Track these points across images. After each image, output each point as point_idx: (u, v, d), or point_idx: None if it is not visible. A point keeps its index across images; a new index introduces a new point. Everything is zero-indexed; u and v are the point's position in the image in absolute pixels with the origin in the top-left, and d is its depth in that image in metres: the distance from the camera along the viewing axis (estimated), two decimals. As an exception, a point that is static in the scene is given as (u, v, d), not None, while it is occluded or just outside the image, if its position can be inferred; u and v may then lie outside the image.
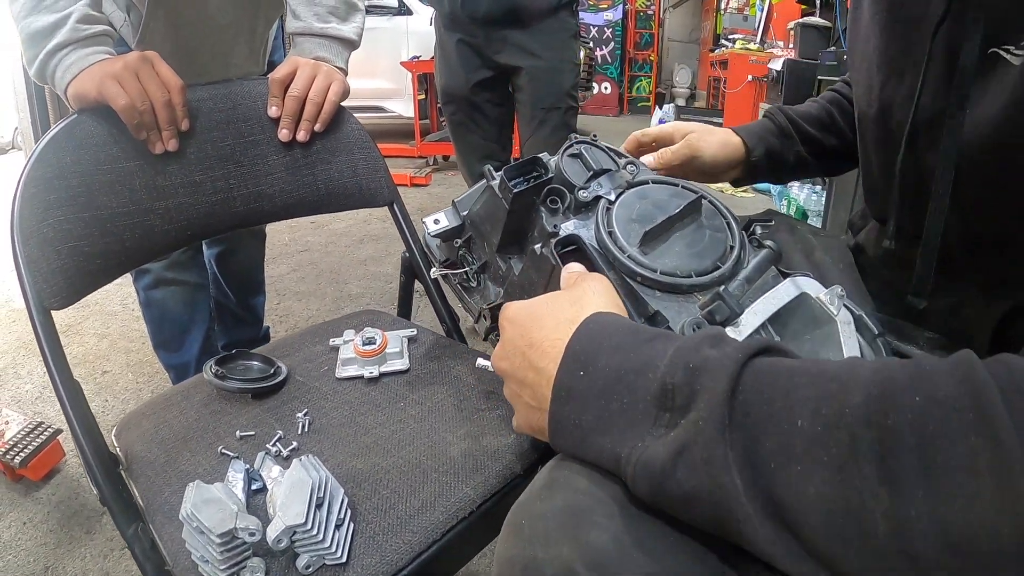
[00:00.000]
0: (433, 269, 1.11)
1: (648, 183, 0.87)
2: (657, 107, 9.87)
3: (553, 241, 0.82)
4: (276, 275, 3.63)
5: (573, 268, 0.76)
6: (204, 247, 2.09)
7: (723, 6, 10.52)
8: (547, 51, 2.43)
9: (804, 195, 4.53)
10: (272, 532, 0.73)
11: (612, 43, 11.98)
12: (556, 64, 2.46)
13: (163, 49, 1.17)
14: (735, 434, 0.47)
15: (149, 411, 1.12)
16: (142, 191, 1.14)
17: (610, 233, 0.80)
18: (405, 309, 1.49)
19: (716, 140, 1.12)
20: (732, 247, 0.79)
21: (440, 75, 2.63)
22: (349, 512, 0.84)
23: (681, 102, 10.97)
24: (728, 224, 0.82)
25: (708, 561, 0.51)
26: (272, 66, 1.75)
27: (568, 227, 0.84)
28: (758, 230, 0.84)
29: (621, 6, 11.71)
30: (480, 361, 0.98)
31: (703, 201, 0.83)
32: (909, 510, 0.40)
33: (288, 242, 4.22)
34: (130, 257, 1.15)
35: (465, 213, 1.02)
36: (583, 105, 7.75)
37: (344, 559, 0.79)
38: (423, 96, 6.85)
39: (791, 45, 6.16)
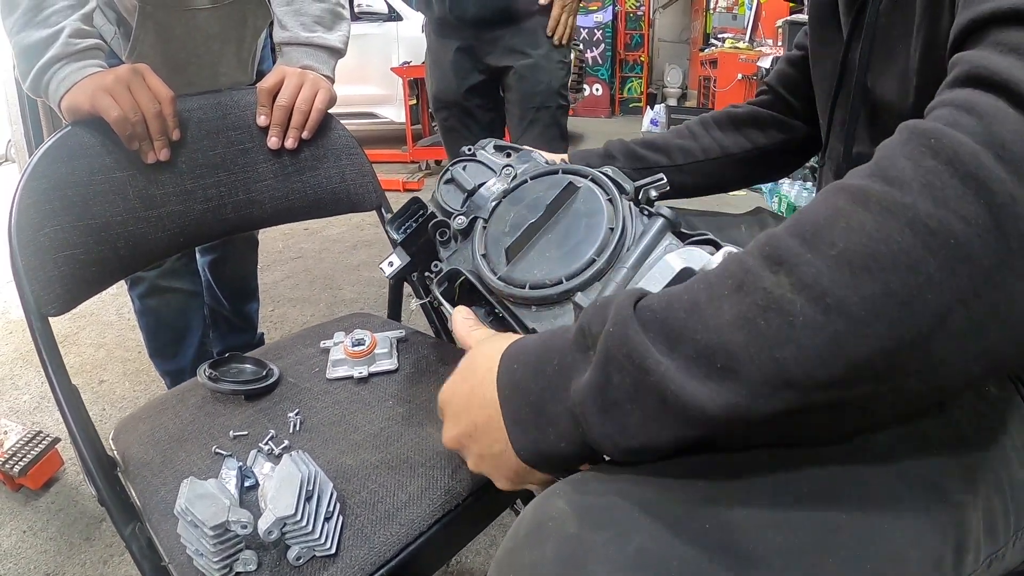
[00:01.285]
0: (413, 302, 1.14)
1: (526, 181, 0.83)
2: (648, 107, 9.89)
3: (434, 282, 0.83)
4: (270, 282, 3.65)
5: (458, 317, 0.80)
6: (197, 255, 2.12)
7: (712, 6, 10.54)
8: (536, 49, 2.41)
9: (795, 192, 4.57)
10: (263, 524, 0.77)
11: (602, 45, 12.00)
12: (545, 63, 2.43)
13: (153, 61, 1.20)
14: (646, 326, 0.51)
15: (145, 414, 1.14)
16: (135, 200, 1.17)
17: (483, 255, 0.79)
18: (395, 311, 1.52)
19: None
20: (611, 229, 0.72)
21: (432, 81, 2.62)
22: (338, 505, 0.86)
23: (672, 102, 10.98)
24: (609, 202, 0.75)
25: None
26: (261, 75, 1.77)
27: (455, 258, 0.84)
28: (653, 192, 0.76)
29: (611, 7, 11.73)
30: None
31: (577, 186, 0.78)
32: (806, 270, 0.45)
33: (282, 249, 4.23)
34: (125, 264, 1.18)
35: (414, 249, 0.98)
36: (574, 107, 7.77)
37: (333, 550, 0.82)
38: (414, 101, 6.88)
39: (780, 43, 6.20)
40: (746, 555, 0.49)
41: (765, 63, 5.89)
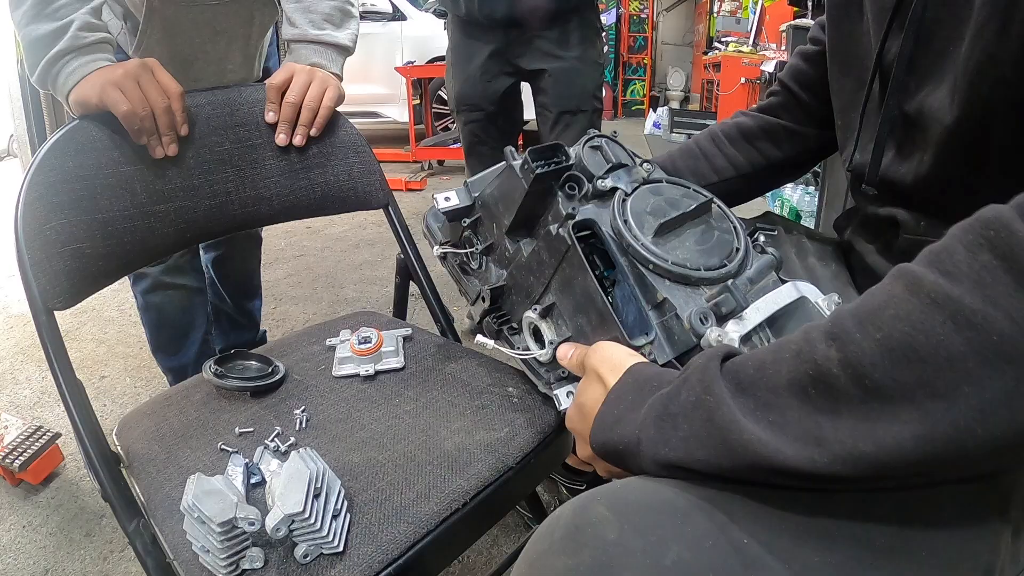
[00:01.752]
0: (436, 247, 1.14)
1: (662, 182, 0.93)
2: (651, 110, 9.90)
3: (570, 222, 0.86)
4: (273, 279, 3.65)
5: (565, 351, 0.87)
6: (201, 251, 2.11)
7: (716, 9, 10.55)
8: (569, 51, 2.35)
9: (797, 196, 4.56)
10: (271, 521, 0.76)
11: (606, 47, 11.99)
12: (579, 65, 2.38)
13: (159, 56, 1.20)
14: (724, 369, 0.57)
15: (149, 410, 1.14)
16: (143, 194, 1.17)
17: (625, 222, 0.85)
18: (400, 310, 1.52)
19: None
20: (738, 248, 0.85)
21: (454, 81, 2.54)
22: (346, 503, 0.86)
23: (675, 105, 10.97)
24: (735, 228, 0.88)
25: None
26: (267, 72, 1.77)
27: (587, 211, 0.88)
28: (761, 237, 0.92)
29: (614, 10, 11.72)
30: (478, 339, 1.02)
31: (712, 204, 0.89)
32: (851, 349, 0.48)
33: (284, 247, 4.23)
34: (131, 259, 1.17)
35: (477, 194, 1.06)
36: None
37: (341, 548, 0.81)
38: (418, 101, 6.88)
39: (783, 47, 6.18)
40: (781, 571, 0.49)
41: (769, 67, 5.88)
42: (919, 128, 0.77)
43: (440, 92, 7.09)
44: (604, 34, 2.46)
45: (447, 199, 1.07)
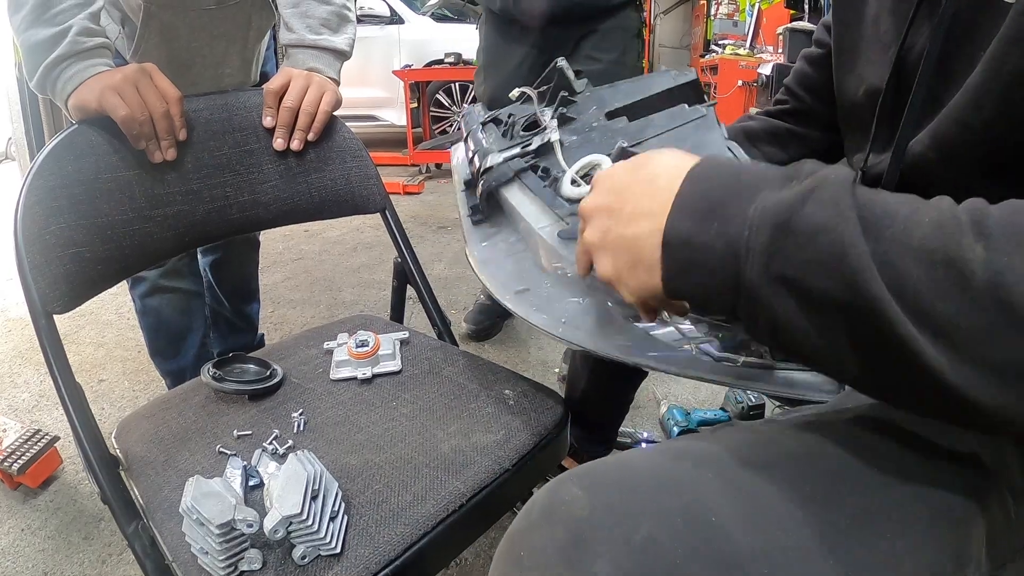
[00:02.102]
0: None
1: None
2: (649, 113, 9.89)
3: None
4: (271, 283, 3.65)
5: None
6: (199, 255, 2.12)
7: (713, 12, 10.56)
8: (606, 54, 2.26)
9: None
10: (269, 523, 0.77)
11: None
12: (614, 69, 2.23)
13: (157, 61, 1.20)
14: (852, 196, 0.49)
15: (148, 413, 1.15)
16: (141, 199, 1.18)
17: None
18: (398, 313, 1.52)
19: None
20: None
21: (488, 83, 2.43)
22: (343, 505, 0.87)
23: (673, 108, 10.96)
24: None
25: None
26: (264, 77, 1.78)
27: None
28: None
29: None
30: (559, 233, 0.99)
31: None
32: (1002, 258, 0.43)
33: (282, 251, 4.23)
34: (129, 263, 1.18)
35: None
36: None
37: (338, 550, 0.82)
38: (415, 105, 6.87)
39: (780, 50, 6.21)
40: (748, 552, 0.50)
41: (766, 70, 5.90)
42: (946, 135, 0.73)
43: (438, 96, 7.10)
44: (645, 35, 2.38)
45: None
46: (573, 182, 0.98)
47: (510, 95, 1.23)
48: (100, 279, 1.14)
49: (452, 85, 7.02)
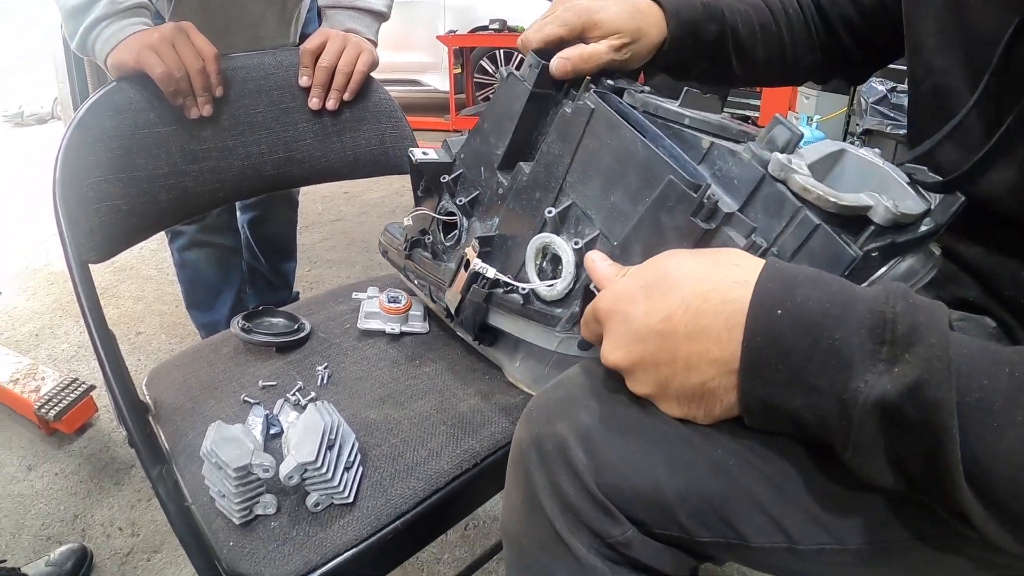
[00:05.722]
0: (405, 219, 1.15)
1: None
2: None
3: (592, 87, 0.82)
4: (308, 243, 3.69)
5: (594, 258, 0.70)
6: (238, 212, 2.16)
7: None
8: None
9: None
10: (284, 469, 0.79)
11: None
12: None
13: (195, 21, 1.22)
14: (954, 380, 0.45)
15: (179, 362, 1.18)
16: (177, 154, 1.19)
17: (643, 90, 0.80)
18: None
19: (618, 5, 0.89)
20: None
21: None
22: (359, 457, 0.89)
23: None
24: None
25: (667, 443, 0.61)
26: (303, 38, 1.78)
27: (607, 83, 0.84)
28: None
29: None
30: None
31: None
32: None
33: (321, 211, 4.26)
34: (165, 217, 1.20)
35: (456, 150, 1.03)
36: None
37: (351, 499, 0.85)
38: (459, 70, 6.86)
39: None
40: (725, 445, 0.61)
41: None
42: None
43: (481, 62, 7.07)
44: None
45: (424, 153, 1.04)
46: (546, 283, 0.87)
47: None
48: (135, 231, 1.16)
49: (497, 52, 6.96)
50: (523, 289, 0.91)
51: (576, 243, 0.82)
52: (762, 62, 1.02)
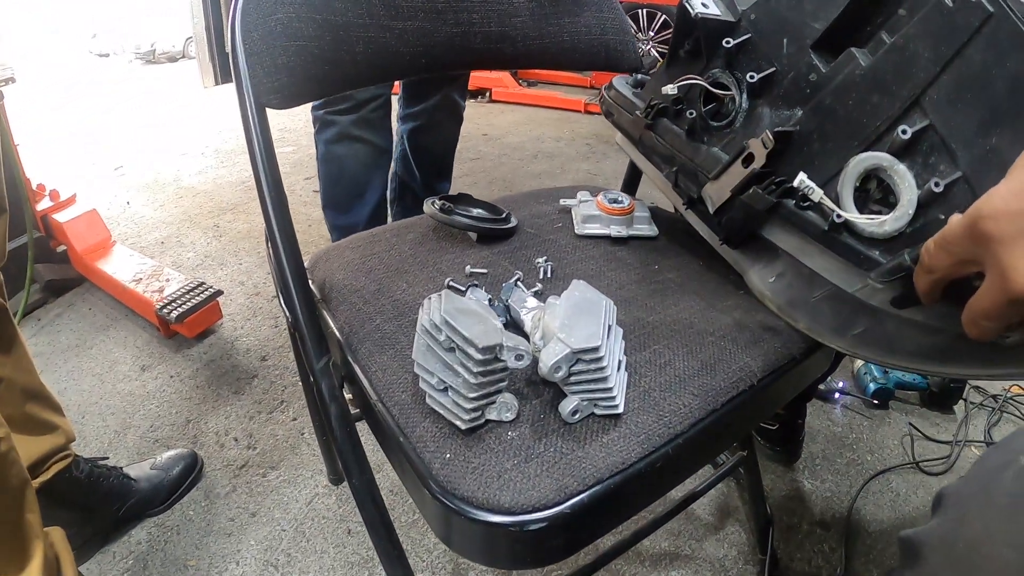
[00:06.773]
0: (667, 87, 0.91)
1: None
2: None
3: None
4: (447, 178, 3.57)
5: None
6: (399, 122, 2.05)
7: None
8: None
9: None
10: (549, 356, 0.59)
11: None
12: None
13: None
14: None
15: (348, 246, 1.01)
16: (380, 6, 1.01)
17: None
18: (631, 188, 1.33)
19: None
20: None
21: None
22: (625, 359, 0.69)
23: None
24: None
25: None
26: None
27: None
28: None
29: None
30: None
31: None
32: None
33: (461, 149, 4.12)
34: (359, 71, 1.01)
35: (745, 9, 0.83)
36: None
37: (621, 410, 0.64)
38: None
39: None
40: None
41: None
42: None
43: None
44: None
45: (705, 4, 0.84)
46: (870, 218, 0.69)
47: None
48: (325, 81, 0.97)
49: (639, 11, 6.71)
50: (838, 216, 0.70)
51: (936, 184, 0.62)
52: None
